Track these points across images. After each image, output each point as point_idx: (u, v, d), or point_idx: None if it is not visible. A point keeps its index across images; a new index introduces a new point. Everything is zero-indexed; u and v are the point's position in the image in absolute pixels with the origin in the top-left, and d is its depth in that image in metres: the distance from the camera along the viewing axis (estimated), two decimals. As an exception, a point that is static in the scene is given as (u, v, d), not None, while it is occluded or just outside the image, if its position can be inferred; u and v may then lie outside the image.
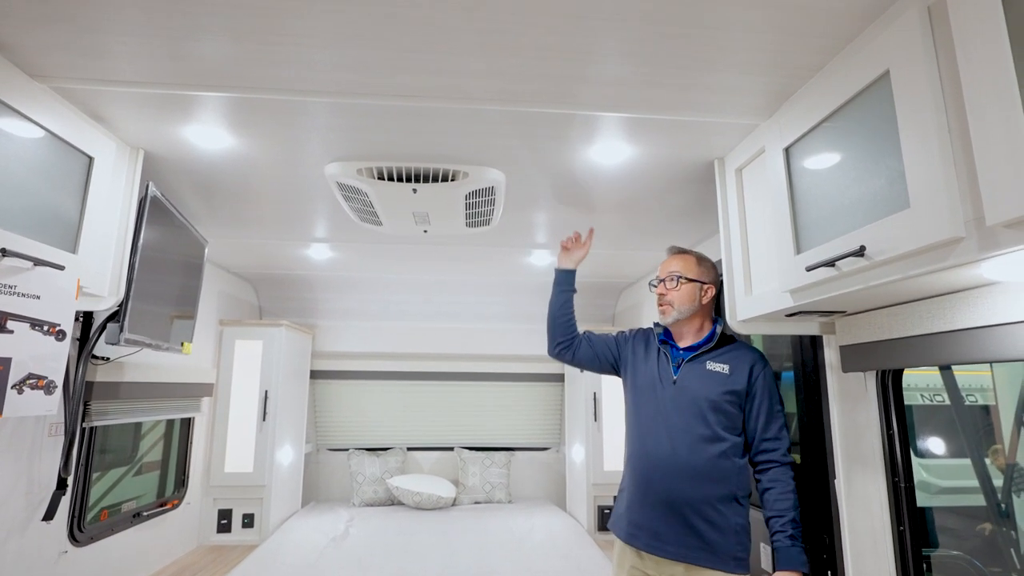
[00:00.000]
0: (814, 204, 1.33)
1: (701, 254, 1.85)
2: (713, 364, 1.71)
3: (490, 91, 1.45)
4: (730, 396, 1.66)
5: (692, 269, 1.79)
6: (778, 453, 1.64)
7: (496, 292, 3.98)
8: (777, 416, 1.67)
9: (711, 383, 1.68)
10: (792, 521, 1.56)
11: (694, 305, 1.77)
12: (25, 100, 1.35)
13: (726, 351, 1.75)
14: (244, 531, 3.27)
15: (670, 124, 1.62)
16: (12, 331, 1.29)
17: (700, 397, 1.66)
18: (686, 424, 1.65)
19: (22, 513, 1.90)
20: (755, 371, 1.69)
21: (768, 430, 1.65)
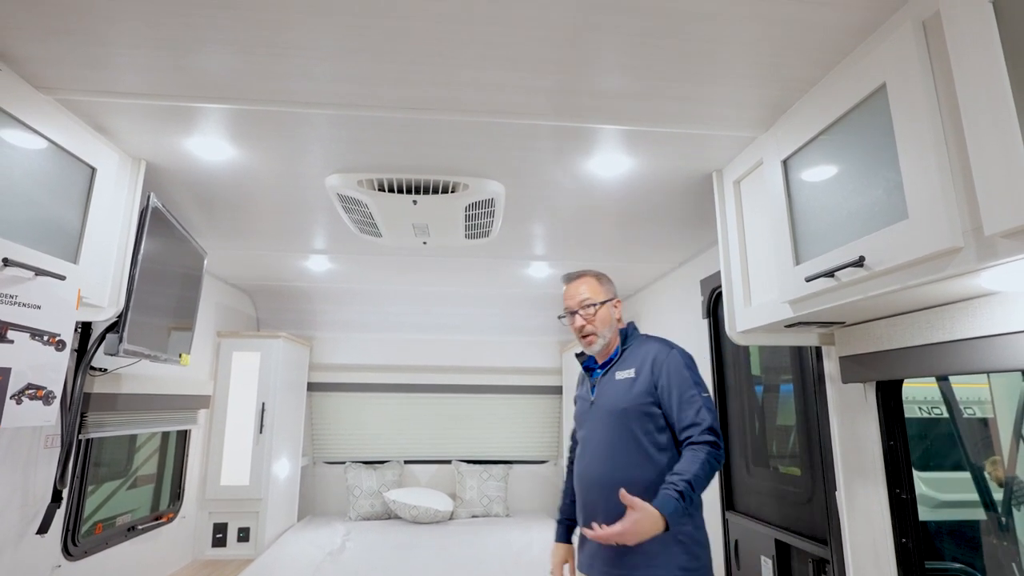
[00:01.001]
0: (813, 215, 1.35)
1: (596, 271, 1.82)
2: (621, 372, 1.68)
3: (490, 104, 1.47)
4: (641, 398, 1.60)
5: (599, 291, 1.76)
6: (696, 433, 1.51)
7: (494, 304, 3.98)
8: (691, 400, 1.56)
9: (621, 392, 1.64)
10: (687, 481, 1.41)
11: (613, 325, 1.75)
12: (30, 112, 1.36)
13: (630, 354, 1.71)
14: (240, 545, 3.23)
15: (669, 136, 1.64)
16: (12, 341, 1.28)
17: (615, 409, 1.63)
18: (609, 439, 1.62)
19: (16, 526, 1.88)
20: (658, 362, 1.63)
21: (684, 416, 1.55)
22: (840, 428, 1.74)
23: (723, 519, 2.48)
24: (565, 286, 1.82)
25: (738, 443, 2.49)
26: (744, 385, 2.49)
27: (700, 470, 1.44)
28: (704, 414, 1.53)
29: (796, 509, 2.03)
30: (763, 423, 2.36)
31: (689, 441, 1.52)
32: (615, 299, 1.78)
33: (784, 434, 2.23)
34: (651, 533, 1.34)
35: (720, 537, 2.49)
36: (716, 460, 1.48)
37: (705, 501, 2.61)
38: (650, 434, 1.59)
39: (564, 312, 1.80)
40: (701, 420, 1.52)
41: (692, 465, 1.44)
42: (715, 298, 2.68)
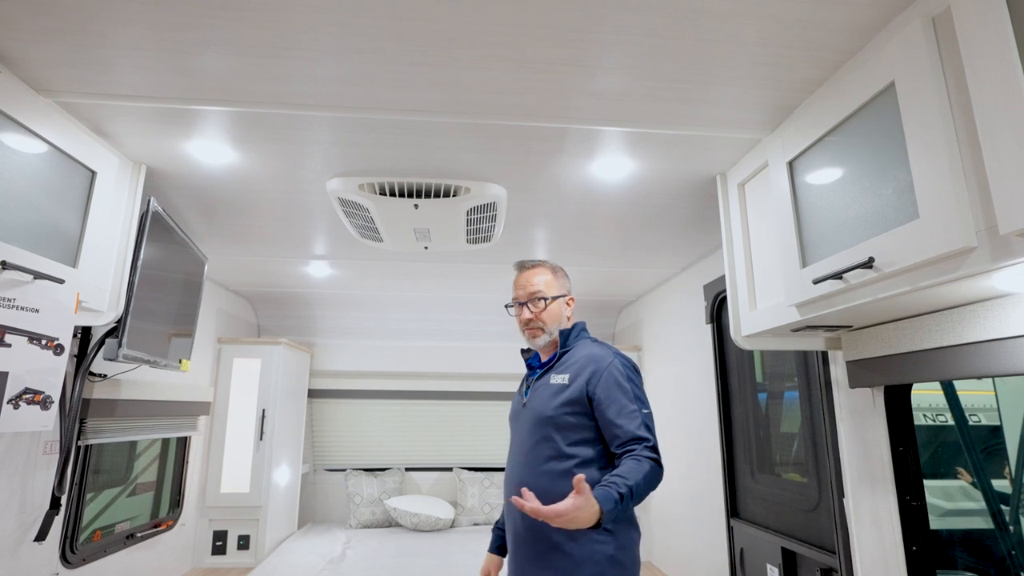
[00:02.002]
0: (820, 217, 1.33)
1: (552, 263, 1.70)
2: (556, 376, 1.54)
3: (492, 105, 1.46)
4: (569, 407, 1.47)
5: (553, 284, 1.65)
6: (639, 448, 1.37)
7: (496, 310, 3.97)
8: (632, 415, 1.41)
9: (551, 398, 1.51)
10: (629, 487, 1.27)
11: (562, 322, 1.64)
12: (30, 114, 1.35)
13: (570, 357, 1.57)
14: (239, 553, 3.20)
15: (672, 139, 1.63)
16: (10, 344, 1.27)
17: (541, 415, 1.50)
18: (532, 447, 1.50)
19: (14, 533, 1.86)
20: (596, 373, 1.48)
21: (624, 431, 1.40)
22: (847, 434, 1.71)
23: (728, 527, 2.45)
24: (517, 274, 1.70)
25: (742, 450, 2.47)
26: (748, 391, 2.47)
27: (643, 480, 1.30)
28: (645, 431, 1.40)
29: (802, 516, 2.00)
30: (767, 429, 2.34)
31: (632, 454, 1.36)
32: (568, 296, 1.67)
33: (789, 441, 2.20)
34: (584, 524, 1.20)
35: (725, 545, 2.46)
36: (657, 478, 1.36)
37: (709, 508, 2.61)
38: (573, 447, 1.45)
39: (512, 301, 1.68)
40: (644, 436, 1.39)
41: (636, 474, 1.30)
42: (719, 303, 2.67)
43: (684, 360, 3.00)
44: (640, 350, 3.67)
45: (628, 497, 1.27)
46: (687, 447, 2.93)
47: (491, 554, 1.71)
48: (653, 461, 1.35)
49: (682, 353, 3.03)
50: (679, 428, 3.04)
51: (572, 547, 1.39)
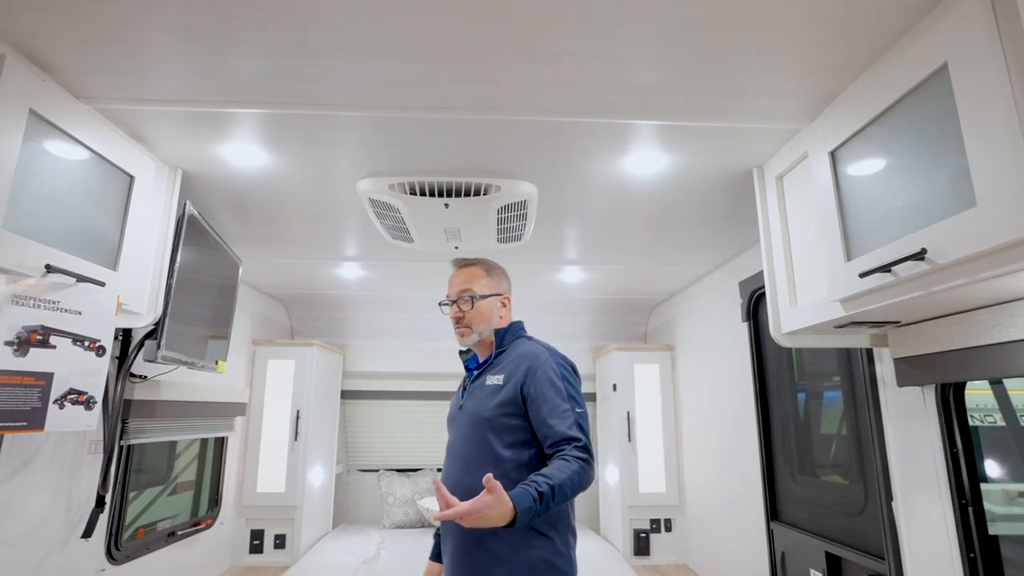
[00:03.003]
0: (865, 208, 1.27)
1: (489, 262, 1.68)
2: (492, 377, 1.52)
3: (522, 101, 1.44)
4: (504, 408, 1.44)
5: (483, 283, 1.62)
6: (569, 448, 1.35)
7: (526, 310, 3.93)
8: (564, 414, 1.39)
9: (485, 399, 1.49)
10: (551, 486, 1.24)
11: (493, 322, 1.61)
12: (72, 121, 1.38)
13: (505, 357, 1.55)
14: (276, 552, 3.25)
15: (707, 131, 1.58)
16: (55, 346, 1.30)
17: (479, 418, 1.47)
18: (469, 450, 1.47)
19: (62, 530, 1.91)
20: (530, 372, 1.46)
21: (555, 431, 1.37)
22: (895, 434, 1.64)
23: (768, 530, 2.38)
24: (452, 272, 1.69)
25: (781, 451, 2.39)
26: (787, 390, 2.39)
27: (568, 480, 1.27)
28: (577, 430, 1.37)
29: (848, 520, 1.93)
30: (808, 430, 2.26)
31: (561, 454, 1.34)
32: (503, 296, 1.64)
33: (829, 442, 2.13)
34: (495, 523, 1.17)
35: (765, 549, 2.39)
36: (587, 478, 1.32)
37: (747, 511, 2.53)
38: (509, 448, 1.42)
39: (445, 299, 1.66)
40: (575, 436, 1.36)
41: (560, 473, 1.27)
42: (755, 300, 2.59)
43: (719, 359, 2.93)
44: (673, 349, 3.61)
45: (549, 496, 1.23)
46: (723, 448, 2.86)
47: (432, 562, 1.67)
48: (582, 461, 1.33)
49: (717, 352, 2.96)
50: (714, 429, 2.97)
51: (508, 554, 1.36)
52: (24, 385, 1.23)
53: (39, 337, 1.26)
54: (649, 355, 3.62)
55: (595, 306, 3.89)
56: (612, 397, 3.66)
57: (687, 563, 3.31)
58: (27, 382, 1.24)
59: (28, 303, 1.25)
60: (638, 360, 3.60)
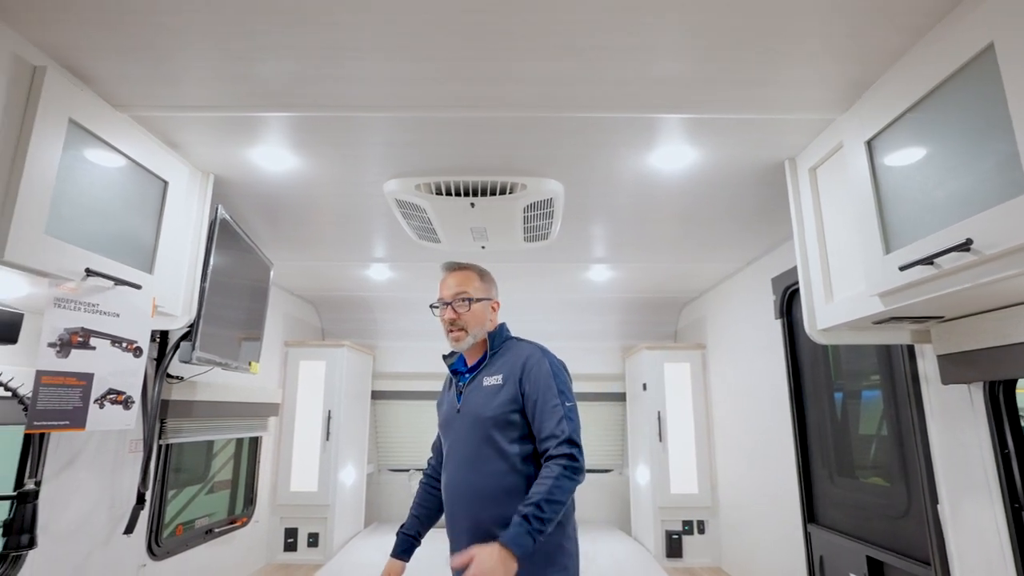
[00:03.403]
0: (904, 198, 1.22)
1: (481, 267, 1.72)
2: (489, 378, 1.58)
3: (546, 97, 1.43)
4: (509, 406, 1.52)
5: (478, 286, 1.65)
6: (553, 446, 1.44)
7: (554, 310, 3.93)
8: (553, 410, 1.48)
9: (487, 399, 1.55)
10: (535, 504, 1.34)
11: (486, 325, 1.65)
12: (109, 130, 1.42)
13: (499, 358, 1.61)
14: (309, 550, 3.30)
15: (736, 124, 1.55)
16: (95, 347, 1.34)
17: (481, 418, 1.53)
18: (474, 450, 1.53)
19: (106, 526, 1.97)
20: (526, 369, 1.54)
21: (544, 427, 1.47)
22: (940, 435, 1.58)
23: (805, 532, 2.32)
24: (444, 275, 1.71)
25: (818, 452, 2.33)
26: (823, 389, 2.32)
27: (549, 491, 1.36)
28: (564, 425, 1.45)
29: (890, 524, 1.86)
30: (846, 430, 2.19)
31: (547, 455, 1.45)
32: (494, 300, 1.70)
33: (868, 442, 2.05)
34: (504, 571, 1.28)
35: (802, 552, 2.32)
36: (572, 474, 1.41)
37: (783, 513, 2.47)
38: (515, 443, 1.51)
39: (437, 302, 1.68)
40: (560, 432, 1.44)
41: (541, 486, 1.38)
42: (789, 297, 2.53)
43: (752, 358, 2.86)
44: (704, 348, 3.54)
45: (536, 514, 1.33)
46: (757, 448, 2.79)
47: (394, 559, 1.72)
48: (566, 457, 1.41)
49: (750, 351, 2.90)
50: (748, 428, 2.91)
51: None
52: (66, 385, 1.27)
53: (80, 339, 1.30)
54: (679, 354, 3.56)
55: (624, 305, 3.85)
56: (642, 397, 3.62)
57: (721, 566, 3.24)
58: (69, 382, 1.28)
59: (69, 306, 1.29)
60: (668, 359, 3.55)
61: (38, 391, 1.22)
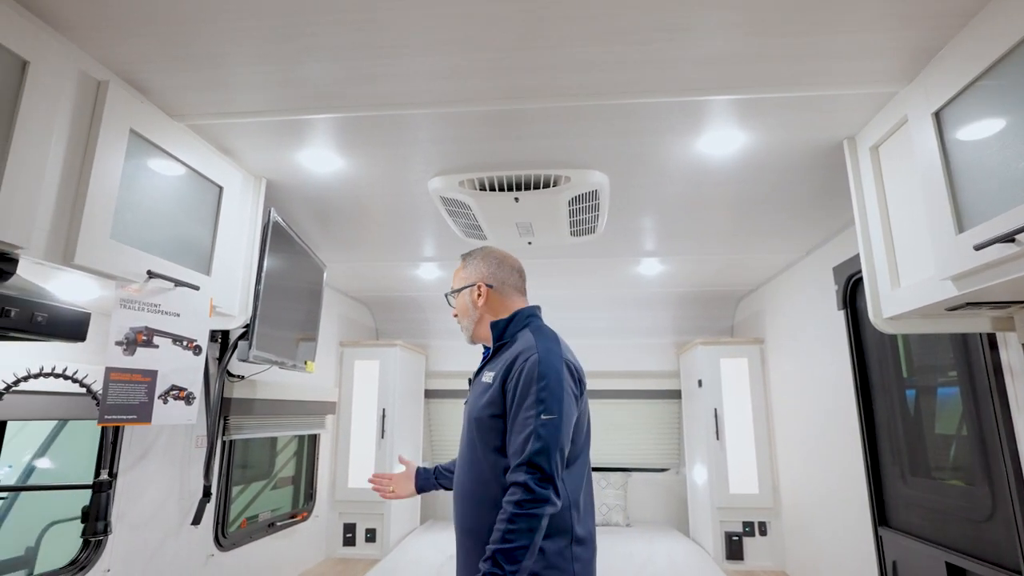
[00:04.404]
0: (978, 172, 1.13)
1: (475, 251, 1.60)
2: (487, 373, 1.45)
3: (588, 85, 1.40)
4: (488, 409, 1.36)
5: (460, 276, 1.58)
6: (511, 469, 1.26)
7: (603, 307, 3.87)
8: (524, 424, 1.26)
9: (477, 398, 1.42)
10: (490, 559, 1.18)
11: (472, 313, 1.54)
12: (167, 138, 1.50)
13: (502, 352, 1.45)
14: (367, 545, 3.38)
15: (789, 103, 1.47)
16: (157, 346, 1.41)
17: (471, 417, 1.42)
18: (466, 448, 1.42)
19: (176, 516, 2.08)
20: (512, 369, 1.34)
21: (511, 442, 1.29)
22: (1028, 430, 1.45)
23: (875, 536, 2.18)
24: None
25: (888, 451, 2.19)
26: (893, 384, 2.18)
27: (502, 539, 1.19)
28: (529, 443, 1.24)
29: (973, 528, 1.72)
30: (920, 426, 2.05)
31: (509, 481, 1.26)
32: (477, 284, 1.52)
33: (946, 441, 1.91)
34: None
35: (873, 556, 2.19)
36: (530, 508, 1.20)
37: (851, 515, 2.33)
38: (492, 453, 1.34)
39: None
40: (522, 450, 1.24)
41: (496, 533, 1.21)
42: (853, 286, 2.39)
43: (815, 352, 2.73)
44: (763, 343, 3.41)
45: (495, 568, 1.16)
46: (822, 447, 2.66)
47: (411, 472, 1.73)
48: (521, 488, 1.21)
49: (812, 344, 2.76)
50: (811, 426, 2.77)
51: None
52: (133, 381, 1.34)
53: (144, 337, 1.37)
54: (736, 349, 3.44)
55: (676, 300, 3.75)
56: (698, 393, 3.52)
57: (785, 569, 3.11)
58: (135, 379, 1.35)
59: (133, 306, 1.36)
60: (725, 354, 3.43)
61: (108, 387, 1.29)
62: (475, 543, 1.34)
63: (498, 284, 1.53)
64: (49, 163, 1.17)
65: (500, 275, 1.54)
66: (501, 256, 1.57)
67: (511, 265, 1.57)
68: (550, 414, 1.26)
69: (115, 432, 1.78)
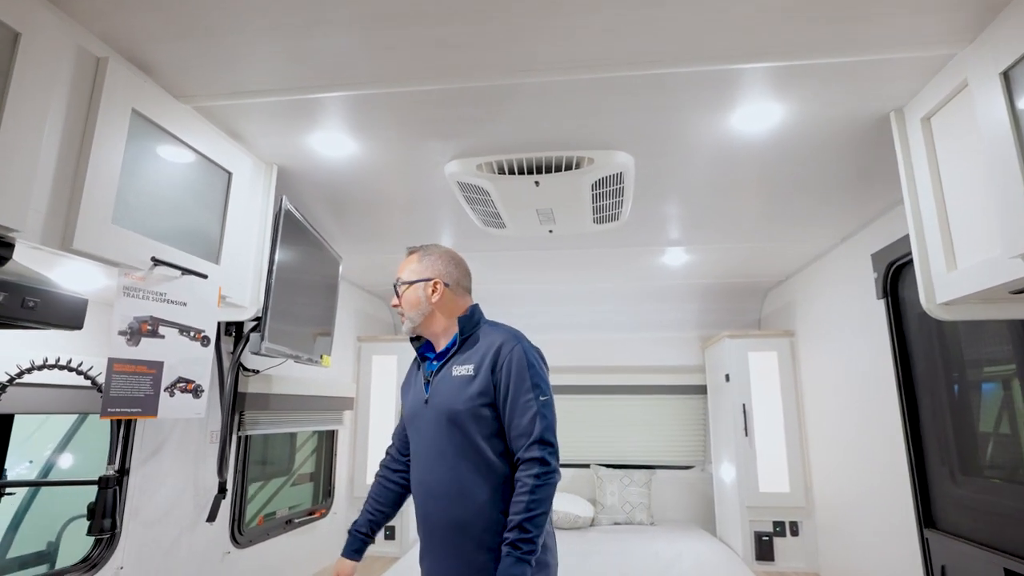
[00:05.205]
0: (1055, 136, 1.01)
1: (431, 247, 1.62)
2: (458, 368, 1.48)
3: (611, 55, 1.30)
4: (480, 399, 1.42)
5: (413, 269, 1.58)
6: (523, 447, 1.37)
7: (626, 299, 3.77)
8: (526, 406, 1.39)
9: (457, 391, 1.45)
10: (518, 527, 1.30)
11: (423, 307, 1.54)
12: (173, 120, 1.43)
13: (470, 347, 1.51)
14: (386, 543, 3.32)
15: (831, 71, 1.36)
16: (163, 336, 1.35)
17: (451, 411, 1.44)
18: (445, 445, 1.44)
19: (191, 513, 2.04)
20: (500, 358, 1.44)
21: (516, 424, 1.40)
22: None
23: (921, 539, 2.05)
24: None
25: (935, 448, 2.05)
26: (940, 377, 2.05)
27: (527, 508, 1.32)
28: (537, 423, 1.38)
29: (1033, 530, 1.59)
30: (971, 422, 1.91)
31: (518, 459, 1.39)
32: (433, 280, 1.55)
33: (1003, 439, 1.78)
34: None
35: (918, 560, 2.06)
36: (547, 479, 1.35)
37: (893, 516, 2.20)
38: (489, 438, 1.42)
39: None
40: (531, 430, 1.37)
41: (519, 504, 1.33)
42: (894, 273, 2.26)
43: (850, 344, 2.59)
44: (793, 335, 3.27)
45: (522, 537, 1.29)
46: (859, 444, 2.52)
47: (344, 559, 1.61)
48: (537, 461, 1.35)
49: (847, 336, 2.63)
50: (847, 422, 2.64)
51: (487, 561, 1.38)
52: (137, 373, 1.29)
53: (149, 327, 1.31)
54: (765, 342, 3.31)
55: (702, 292, 3.63)
56: (724, 388, 3.39)
57: (818, 571, 2.98)
58: (140, 370, 1.29)
59: (138, 295, 1.30)
60: (753, 348, 3.31)
61: (111, 379, 1.23)
62: (465, 537, 1.39)
63: (453, 284, 1.58)
64: (45, 142, 1.11)
65: (456, 275, 1.60)
66: (457, 258, 1.63)
67: (465, 267, 1.64)
68: (545, 395, 1.43)
69: (127, 426, 1.74)
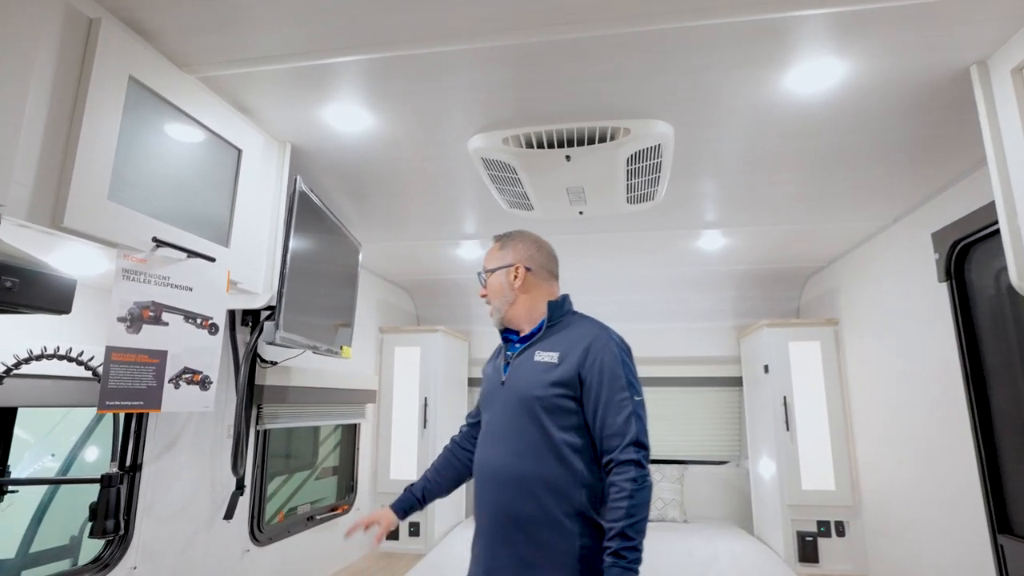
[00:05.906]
0: None
1: (509, 233, 1.58)
2: (542, 353, 1.43)
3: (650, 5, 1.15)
4: (559, 389, 1.36)
5: (495, 256, 1.56)
6: (618, 448, 1.30)
7: (658, 287, 3.60)
8: (621, 405, 1.32)
9: (536, 376, 1.39)
10: (620, 535, 1.23)
11: (507, 294, 1.52)
12: (176, 91, 1.33)
13: (559, 334, 1.45)
14: (411, 540, 3.24)
15: (904, 17, 1.19)
16: (167, 323, 1.25)
17: (526, 395, 1.39)
18: (516, 429, 1.38)
19: (208, 510, 1.96)
20: (592, 352, 1.37)
21: (609, 424, 1.32)
22: None
23: (995, 545, 1.87)
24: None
25: (1011, 446, 1.87)
26: (1019, 365, 1.86)
27: (628, 514, 1.24)
28: (632, 424, 1.31)
29: None
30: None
31: (610, 461, 1.30)
32: (515, 265, 1.51)
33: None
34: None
35: (989, 568, 1.88)
36: (643, 483, 1.28)
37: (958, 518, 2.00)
38: (565, 431, 1.36)
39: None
40: (626, 431, 1.30)
41: (618, 511, 1.25)
42: (958, 254, 2.06)
43: (905, 332, 2.40)
44: (837, 324, 3.08)
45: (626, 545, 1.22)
46: (915, 440, 2.34)
47: (390, 510, 1.65)
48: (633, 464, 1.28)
49: (901, 324, 2.43)
50: (900, 416, 2.45)
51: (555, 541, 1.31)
52: (139, 363, 1.19)
53: (151, 313, 1.22)
54: (807, 331, 3.12)
55: (738, 278, 3.45)
56: (763, 380, 3.21)
57: (867, 574, 2.80)
58: (141, 360, 1.19)
59: (138, 278, 1.21)
60: (793, 338, 3.12)
61: (109, 369, 1.14)
62: (524, 532, 1.32)
63: (536, 267, 1.53)
64: (30, 109, 1.01)
65: (539, 259, 1.54)
66: (540, 242, 1.58)
67: (548, 251, 1.58)
68: (639, 395, 1.36)
69: (138, 420, 1.65)
